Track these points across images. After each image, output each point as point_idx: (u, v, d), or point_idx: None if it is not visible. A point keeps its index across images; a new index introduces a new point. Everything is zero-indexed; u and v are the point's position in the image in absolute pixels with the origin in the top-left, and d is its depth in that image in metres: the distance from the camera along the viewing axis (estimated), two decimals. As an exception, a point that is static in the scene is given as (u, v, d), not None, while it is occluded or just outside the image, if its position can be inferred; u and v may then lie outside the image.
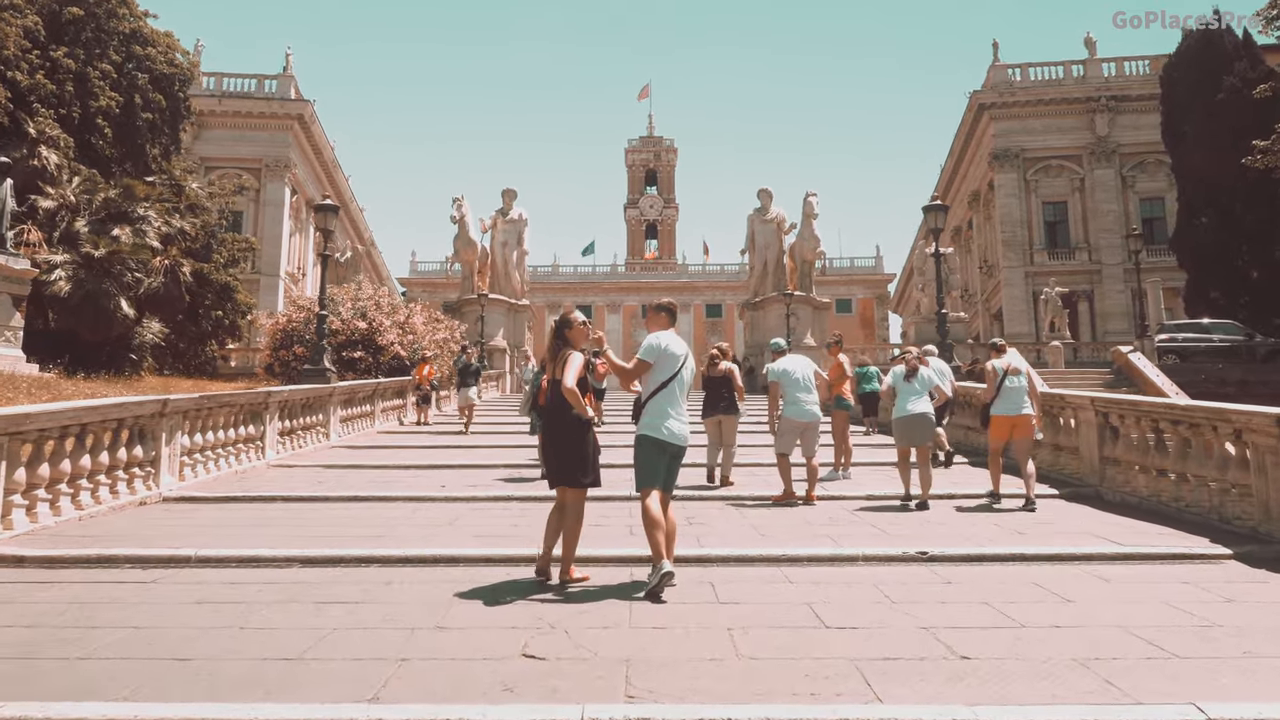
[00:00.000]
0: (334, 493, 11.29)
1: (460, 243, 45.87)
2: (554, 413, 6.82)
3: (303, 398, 16.54)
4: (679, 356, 6.88)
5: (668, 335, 6.99)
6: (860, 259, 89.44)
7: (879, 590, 6.51)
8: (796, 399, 11.03)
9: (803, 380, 11.13)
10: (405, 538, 8.32)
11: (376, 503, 10.73)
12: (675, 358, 6.86)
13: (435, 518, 9.53)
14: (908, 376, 11.10)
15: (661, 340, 6.89)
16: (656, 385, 6.82)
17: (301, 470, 13.94)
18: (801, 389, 11.07)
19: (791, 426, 11.01)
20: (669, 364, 6.84)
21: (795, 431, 11.04)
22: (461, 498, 10.95)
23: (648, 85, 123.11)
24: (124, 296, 24.18)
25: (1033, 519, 9.51)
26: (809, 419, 11.03)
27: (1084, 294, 55.07)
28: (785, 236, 45.37)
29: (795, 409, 11.01)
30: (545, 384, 7.24)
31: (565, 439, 6.77)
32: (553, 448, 6.88)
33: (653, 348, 6.87)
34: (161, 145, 36.27)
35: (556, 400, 6.77)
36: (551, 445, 6.89)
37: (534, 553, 7.38)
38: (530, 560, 7.32)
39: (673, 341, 6.94)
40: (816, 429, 11.21)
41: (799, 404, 11.02)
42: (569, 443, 6.76)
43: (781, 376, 11.18)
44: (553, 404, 6.83)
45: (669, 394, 6.80)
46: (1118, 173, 56.01)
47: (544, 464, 7.09)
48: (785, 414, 11.06)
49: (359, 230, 77.14)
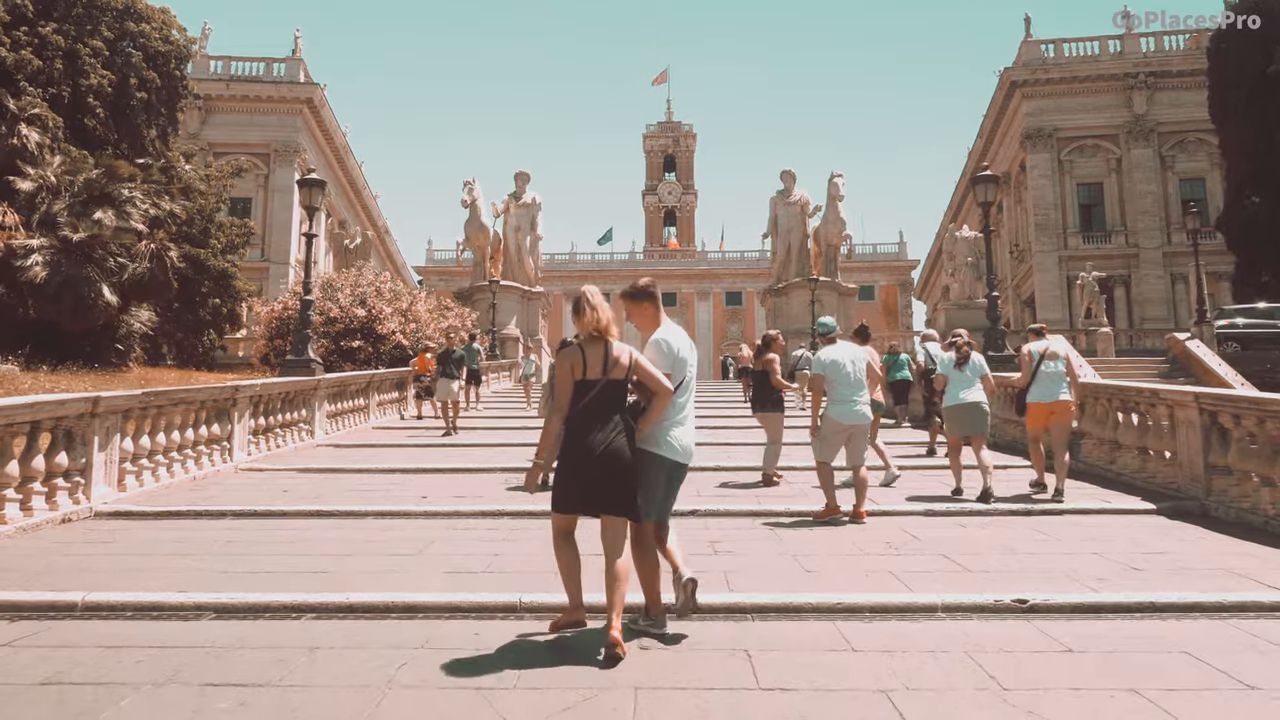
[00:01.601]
0: (295, 506, 9.58)
1: (472, 228, 44.30)
2: (604, 417, 5.13)
3: (281, 391, 14.88)
4: (688, 360, 5.55)
5: (672, 331, 5.61)
6: (883, 245, 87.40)
7: (976, 664, 4.75)
8: (845, 396, 9.14)
9: (854, 373, 9.23)
10: (355, 575, 6.60)
11: (341, 520, 9.03)
12: (686, 361, 5.52)
13: (403, 542, 7.81)
14: (959, 364, 10.55)
15: (671, 341, 5.51)
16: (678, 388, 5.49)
17: (271, 475, 12.29)
18: (851, 384, 9.18)
19: (837, 429, 9.15)
20: (683, 368, 5.50)
21: (841, 435, 9.20)
22: (442, 512, 9.23)
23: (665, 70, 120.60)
24: (106, 283, 22.57)
25: (1138, 546, 7.68)
26: (859, 420, 9.18)
27: (1120, 279, 52.87)
28: (809, 219, 43.57)
29: (843, 409, 9.13)
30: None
31: (619, 452, 5.10)
32: (600, 463, 5.05)
33: (667, 355, 5.45)
34: (159, 126, 34.74)
35: (609, 399, 5.16)
36: (597, 459, 5.05)
37: (511, 599, 5.77)
38: (508, 609, 5.66)
39: (682, 339, 5.61)
40: (867, 432, 9.42)
41: (848, 402, 9.13)
42: (623, 457, 5.12)
43: (830, 369, 9.23)
44: (602, 404, 5.14)
45: (687, 403, 5.53)
46: (1156, 152, 53.70)
47: (569, 483, 5.16)
48: (830, 414, 9.18)
49: (372, 217, 75.72)
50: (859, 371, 9.26)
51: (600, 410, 5.08)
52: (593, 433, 5.04)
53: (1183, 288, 52.02)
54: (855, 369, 9.24)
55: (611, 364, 5.12)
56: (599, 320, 5.19)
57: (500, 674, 4.62)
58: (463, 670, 4.69)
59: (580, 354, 5.14)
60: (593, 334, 5.18)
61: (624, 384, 5.19)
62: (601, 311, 5.22)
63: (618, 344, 5.22)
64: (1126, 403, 11.48)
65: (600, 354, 5.12)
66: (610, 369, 5.11)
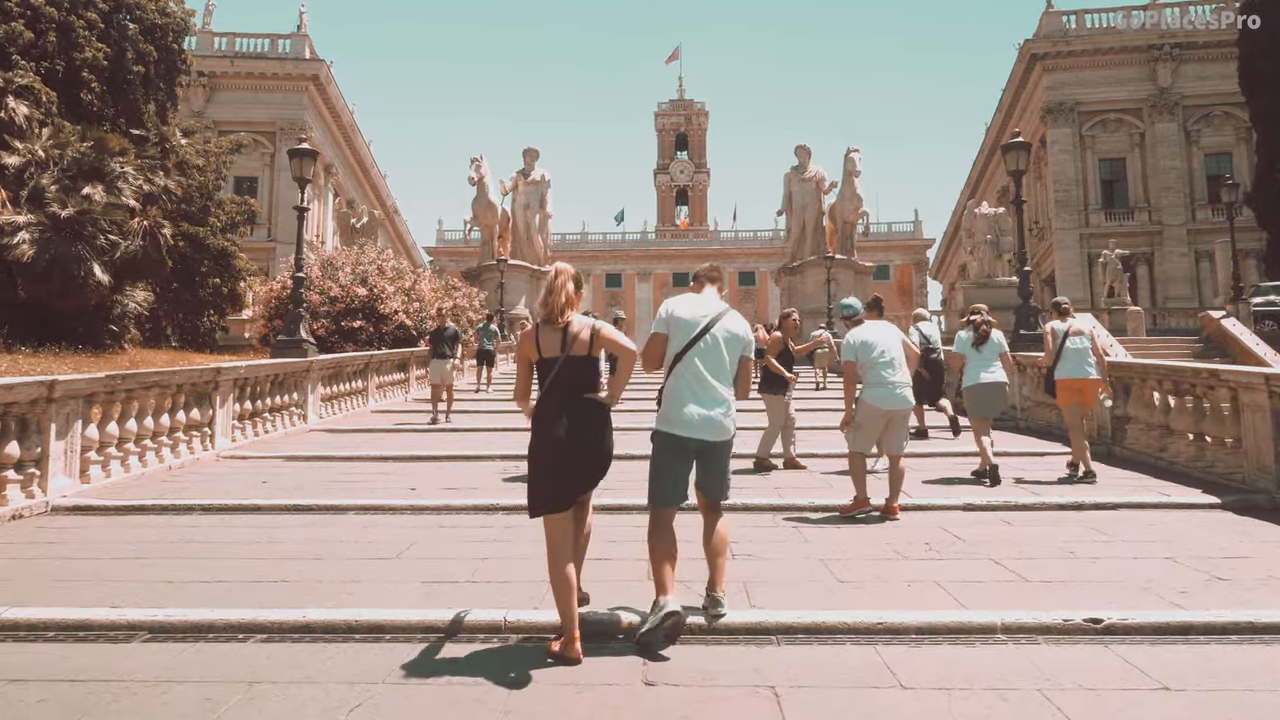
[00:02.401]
0: (270, 499, 8.72)
1: (479, 206, 43.28)
2: (569, 399, 4.84)
3: (270, 374, 14.03)
4: (696, 321, 5.21)
5: (684, 298, 5.41)
6: (898, 224, 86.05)
7: (1056, 708, 3.84)
8: (882, 379, 8.17)
9: (889, 354, 8.27)
10: (320, 584, 5.74)
11: (318, 515, 8.19)
12: (688, 323, 5.21)
13: (382, 543, 6.96)
14: (977, 343, 10.25)
15: (670, 305, 5.35)
16: (669, 361, 5.23)
17: (254, 464, 11.47)
18: (887, 365, 8.22)
19: (875, 416, 8.18)
20: (681, 331, 5.20)
21: (879, 422, 8.22)
22: (430, 507, 8.37)
23: (678, 48, 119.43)
24: (97, 261, 21.70)
25: (1215, 549, 6.72)
26: (899, 405, 8.19)
27: (1143, 257, 51.60)
28: (825, 196, 42.38)
29: (881, 392, 8.14)
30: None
31: (598, 434, 4.89)
32: (584, 450, 4.81)
33: (660, 316, 5.31)
34: (157, 101, 33.80)
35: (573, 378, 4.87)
36: (581, 446, 4.80)
37: (495, 617, 4.97)
38: (490, 630, 4.84)
39: (688, 304, 5.34)
40: (907, 419, 8.44)
41: (886, 385, 8.15)
42: (600, 437, 4.92)
43: (861, 351, 8.29)
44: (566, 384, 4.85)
45: (686, 368, 5.14)
46: (1181, 126, 52.27)
47: (543, 481, 4.78)
48: (866, 399, 8.23)
49: (381, 197, 74.81)
50: (894, 350, 8.30)
51: (564, 391, 4.78)
52: (559, 419, 4.73)
53: (1207, 266, 50.76)
54: (890, 348, 8.29)
55: (571, 340, 4.81)
56: (552, 305, 4.88)
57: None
58: (430, 716, 3.85)
59: (535, 333, 4.90)
60: (545, 318, 4.91)
61: (589, 361, 4.87)
62: (560, 295, 4.88)
63: (579, 319, 4.92)
64: (1180, 385, 10.52)
65: (558, 331, 4.84)
66: (570, 345, 4.81)
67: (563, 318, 4.84)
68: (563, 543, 4.70)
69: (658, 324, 5.25)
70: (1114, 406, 11.72)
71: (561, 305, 4.85)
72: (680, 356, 5.11)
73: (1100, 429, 12.09)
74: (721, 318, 5.21)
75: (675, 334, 5.17)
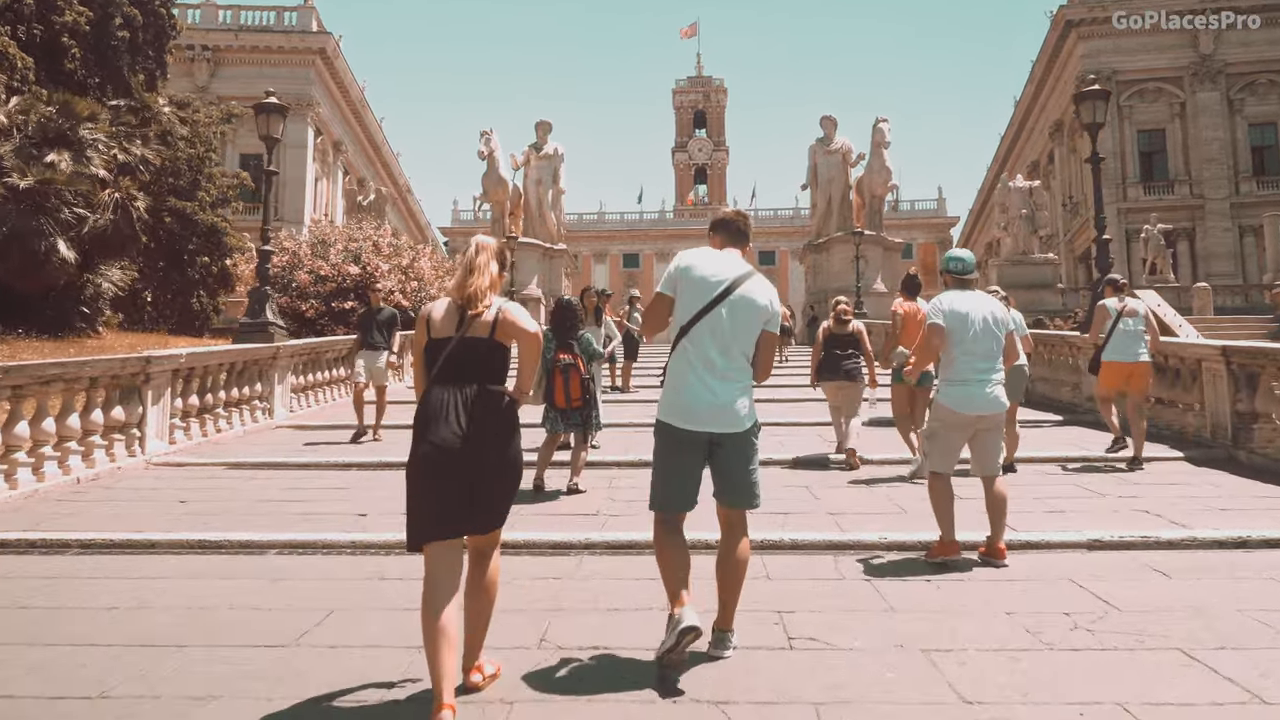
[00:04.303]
0: (172, 532, 6.62)
1: (489, 181, 41.25)
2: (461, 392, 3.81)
3: (224, 363, 12.02)
4: (712, 284, 4.20)
5: (701, 253, 4.38)
6: (921, 202, 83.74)
7: None
8: (968, 373, 5.94)
9: (986, 337, 5.99)
10: (147, 707, 3.72)
11: (231, 555, 6.16)
12: (702, 286, 4.20)
13: (288, 611, 4.91)
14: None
15: (683, 260, 4.34)
16: (676, 330, 4.26)
17: (188, 474, 9.46)
18: (981, 353, 5.97)
19: (957, 423, 6.03)
20: (695, 293, 4.20)
21: (963, 433, 6.06)
22: (377, 545, 6.32)
23: (695, 22, 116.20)
24: (62, 237, 19.70)
25: None
26: (989, 408, 5.94)
27: (1184, 232, 49.11)
28: (852, 169, 40.15)
29: (963, 392, 5.94)
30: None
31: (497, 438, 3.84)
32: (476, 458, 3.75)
33: (669, 273, 4.33)
34: (146, 70, 31.80)
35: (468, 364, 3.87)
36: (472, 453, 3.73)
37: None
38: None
39: (705, 261, 4.31)
40: (1001, 427, 6.24)
41: (971, 382, 5.92)
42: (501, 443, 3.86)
43: (950, 319, 6.02)
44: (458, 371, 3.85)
45: (692, 343, 4.18)
46: (1224, 96, 49.77)
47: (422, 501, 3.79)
48: (943, 400, 6.09)
49: (392, 175, 73.04)
50: (995, 335, 6.04)
51: (455, 379, 3.81)
52: (444, 418, 3.73)
53: (1251, 241, 48.40)
54: (989, 331, 6.02)
55: (470, 319, 3.87)
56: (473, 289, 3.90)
57: None
58: None
59: (429, 309, 4.00)
60: (457, 300, 3.95)
61: (490, 345, 3.87)
62: (482, 276, 3.94)
63: (490, 299, 3.93)
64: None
65: (456, 308, 3.92)
66: (468, 325, 3.86)
67: (482, 303, 3.87)
68: (445, 579, 3.66)
69: (664, 282, 4.30)
70: (1238, 400, 9.70)
71: (484, 288, 3.90)
72: (687, 329, 4.16)
73: (1217, 429, 10.01)
74: (744, 282, 4.20)
75: (684, 297, 4.21)
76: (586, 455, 8.39)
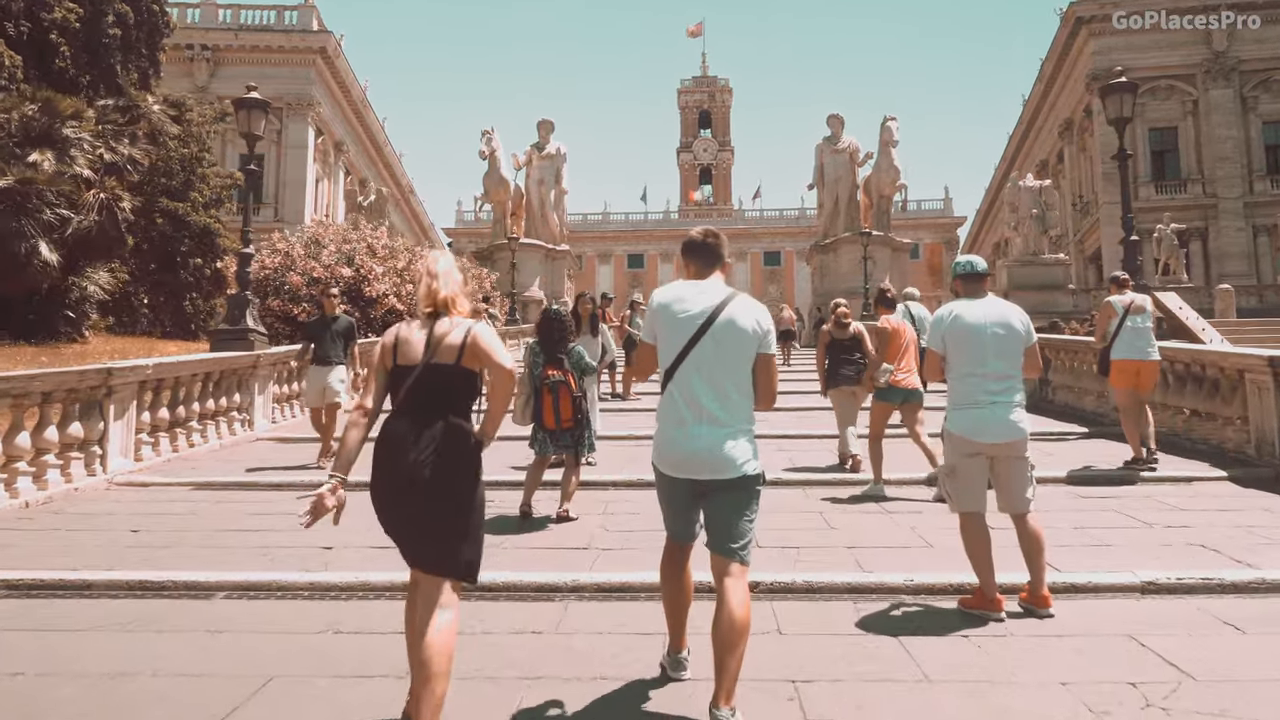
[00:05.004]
0: (113, 571, 5.84)
1: (490, 181, 40.56)
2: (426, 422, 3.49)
3: (198, 373, 11.32)
4: (690, 319, 3.79)
5: (675, 288, 3.96)
6: (927, 202, 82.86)
7: None
8: (979, 393, 5.20)
9: (999, 352, 5.23)
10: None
11: (172, 599, 5.45)
12: (680, 323, 3.80)
13: (223, 676, 4.17)
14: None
15: (656, 299, 3.96)
16: (663, 370, 3.85)
17: (150, 494, 8.76)
18: (992, 373, 5.21)
19: (970, 452, 5.23)
20: (674, 333, 3.81)
21: (980, 464, 5.24)
22: (339, 586, 5.60)
23: (700, 22, 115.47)
24: (44, 239, 19.02)
25: None
26: (1005, 435, 5.16)
27: (1196, 232, 48.28)
28: (859, 169, 39.41)
29: (977, 416, 5.18)
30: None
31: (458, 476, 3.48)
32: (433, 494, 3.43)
33: (648, 317, 3.97)
34: (139, 68, 31.20)
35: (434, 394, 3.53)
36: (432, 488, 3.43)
37: None
38: None
39: (679, 297, 3.90)
40: (1024, 457, 5.28)
41: (989, 405, 5.17)
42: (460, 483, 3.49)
43: (957, 338, 5.30)
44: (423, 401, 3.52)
45: (678, 386, 3.78)
46: (1238, 93, 48.94)
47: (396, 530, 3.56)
48: (954, 426, 5.30)
49: (395, 176, 72.32)
50: (1008, 348, 5.24)
51: (419, 410, 3.48)
52: (406, 449, 3.40)
53: (1266, 240, 47.71)
54: (1004, 344, 5.24)
55: (435, 343, 3.53)
56: (431, 292, 3.66)
57: None
58: None
59: (395, 333, 3.63)
60: (425, 310, 3.66)
61: (457, 371, 3.53)
62: (441, 280, 3.68)
63: (455, 320, 3.62)
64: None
65: (424, 331, 3.58)
66: (434, 350, 3.51)
67: (455, 310, 3.64)
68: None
69: (645, 328, 4.02)
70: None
71: (455, 295, 3.67)
72: (672, 372, 3.82)
73: (1263, 445, 9.23)
74: (725, 308, 3.83)
75: (664, 339, 3.88)
76: (578, 480, 7.63)
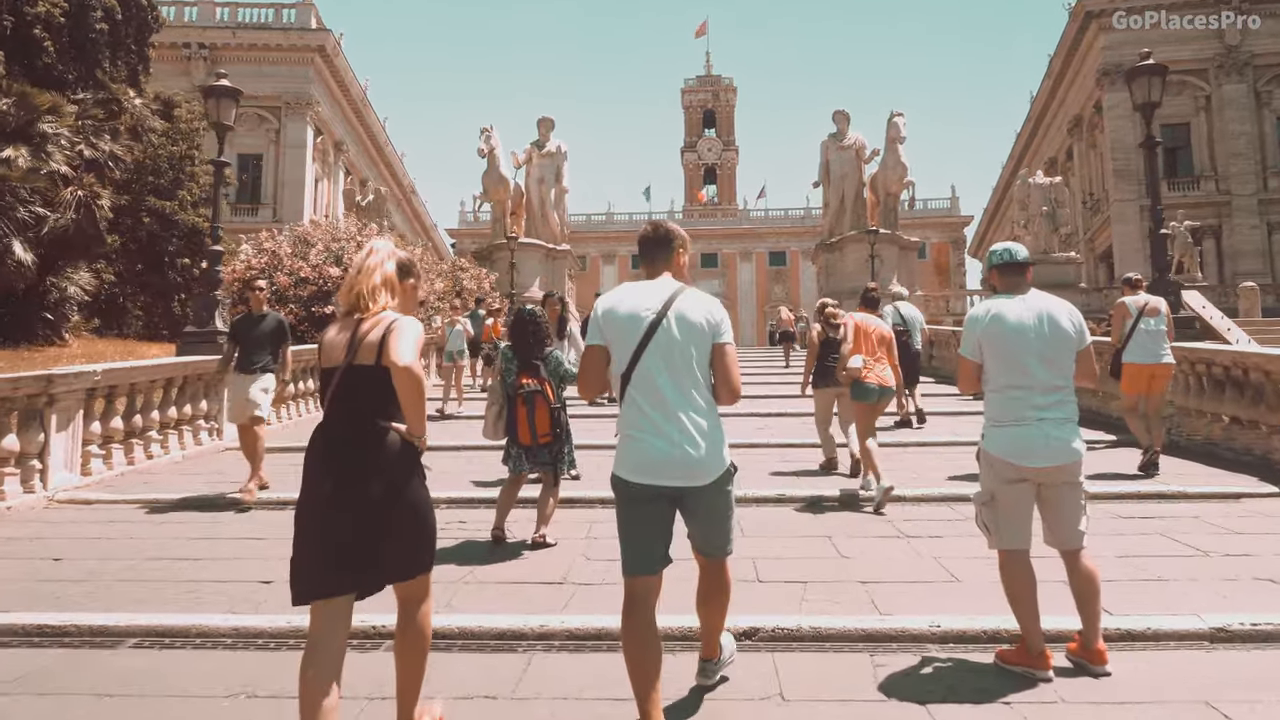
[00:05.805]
0: (9, 613, 5.06)
1: (490, 180, 39.82)
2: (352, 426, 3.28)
3: (156, 379, 10.53)
4: (639, 318, 3.56)
5: (621, 290, 3.74)
6: (934, 200, 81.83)
7: None
8: (1029, 409, 4.29)
9: (1047, 358, 4.35)
10: None
11: (73, 648, 4.62)
12: (628, 323, 3.57)
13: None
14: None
15: (601, 303, 3.71)
16: (618, 381, 3.60)
17: (91, 514, 7.97)
18: (1040, 384, 4.32)
19: (1016, 477, 4.33)
20: (625, 335, 3.56)
21: (1025, 491, 4.34)
22: (261, 634, 4.76)
23: (705, 21, 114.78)
24: (18, 238, 18.30)
25: None
26: (1058, 458, 4.27)
27: (1209, 230, 47.41)
28: (866, 165, 38.56)
29: (1022, 436, 4.28)
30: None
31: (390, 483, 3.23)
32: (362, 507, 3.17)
33: (594, 321, 3.68)
34: (128, 65, 30.47)
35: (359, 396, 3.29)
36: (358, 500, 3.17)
37: None
38: None
39: (625, 297, 3.67)
40: (1077, 481, 4.38)
41: (1035, 422, 4.27)
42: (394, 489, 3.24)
43: (996, 341, 4.42)
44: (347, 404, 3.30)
45: (637, 388, 3.54)
46: (1251, 88, 48.15)
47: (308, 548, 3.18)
48: (993, 446, 4.39)
49: (396, 175, 71.75)
50: (1058, 353, 4.37)
51: (344, 413, 3.27)
52: (331, 458, 3.19)
53: (1281, 238, 46.80)
54: (1052, 348, 4.36)
55: (358, 341, 3.23)
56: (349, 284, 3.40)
57: None
58: None
59: (325, 333, 3.45)
60: (344, 306, 3.38)
61: (376, 373, 3.22)
62: (365, 274, 3.36)
63: (381, 316, 3.26)
64: None
65: (347, 329, 3.29)
66: (357, 350, 3.23)
67: (375, 304, 3.30)
68: (328, 639, 3.11)
69: (590, 332, 3.64)
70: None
71: (375, 287, 3.32)
72: (629, 375, 3.53)
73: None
74: (673, 303, 3.58)
75: (615, 343, 3.58)
76: (557, 500, 6.78)
